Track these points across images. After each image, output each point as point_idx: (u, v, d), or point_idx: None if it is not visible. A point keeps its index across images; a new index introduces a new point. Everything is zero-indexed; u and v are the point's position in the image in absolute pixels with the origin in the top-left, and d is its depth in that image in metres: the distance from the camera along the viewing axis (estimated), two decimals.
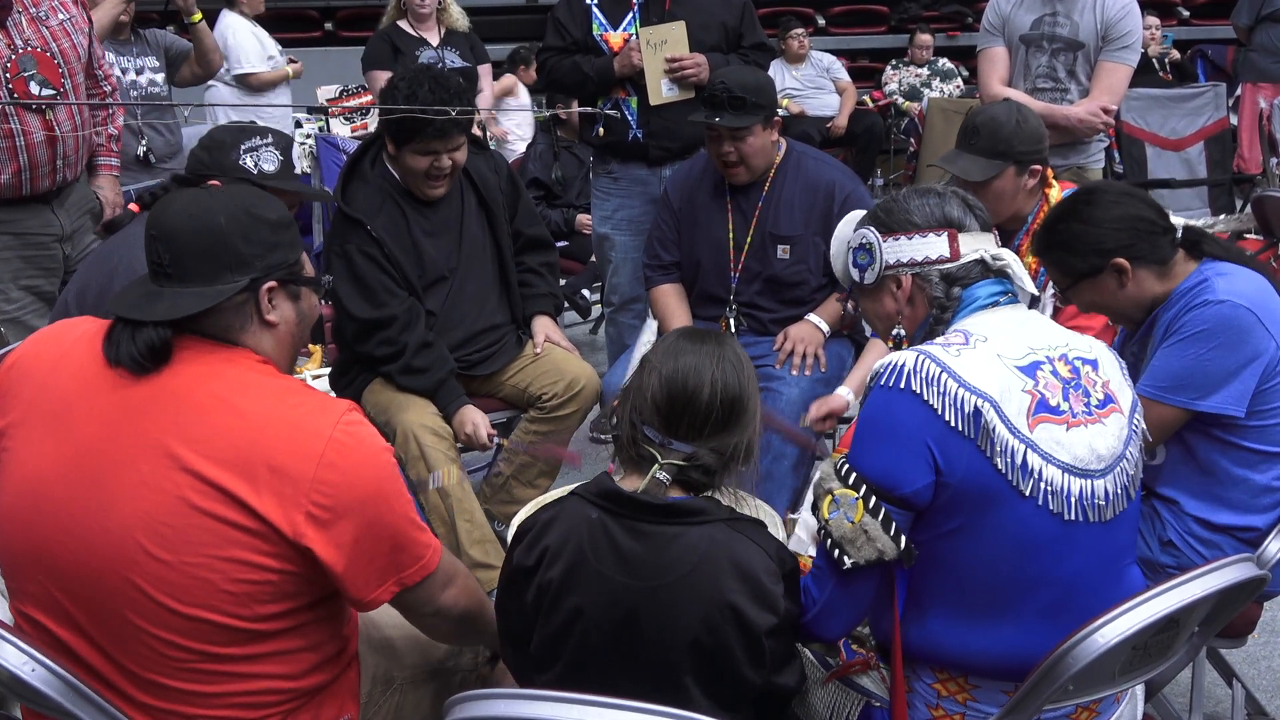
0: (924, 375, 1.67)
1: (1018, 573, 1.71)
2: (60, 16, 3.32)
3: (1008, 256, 1.85)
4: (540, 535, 1.71)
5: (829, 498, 1.70)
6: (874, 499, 1.66)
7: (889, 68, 8.95)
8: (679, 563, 1.63)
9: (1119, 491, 1.74)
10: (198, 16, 4.75)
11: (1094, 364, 1.80)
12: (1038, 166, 2.88)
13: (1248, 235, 4.95)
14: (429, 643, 1.99)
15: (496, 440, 3.19)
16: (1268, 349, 2.15)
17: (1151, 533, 2.27)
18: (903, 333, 1.90)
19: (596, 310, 5.39)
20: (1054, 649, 1.63)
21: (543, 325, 3.39)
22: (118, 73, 4.42)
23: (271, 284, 1.67)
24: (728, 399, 1.69)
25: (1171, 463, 2.27)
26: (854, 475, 1.69)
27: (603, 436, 1.82)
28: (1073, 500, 1.69)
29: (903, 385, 1.68)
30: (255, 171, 2.62)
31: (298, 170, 5.41)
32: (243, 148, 2.63)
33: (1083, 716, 1.81)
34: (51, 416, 1.62)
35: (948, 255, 1.84)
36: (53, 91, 3.26)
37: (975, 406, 1.65)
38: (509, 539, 2.39)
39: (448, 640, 1.90)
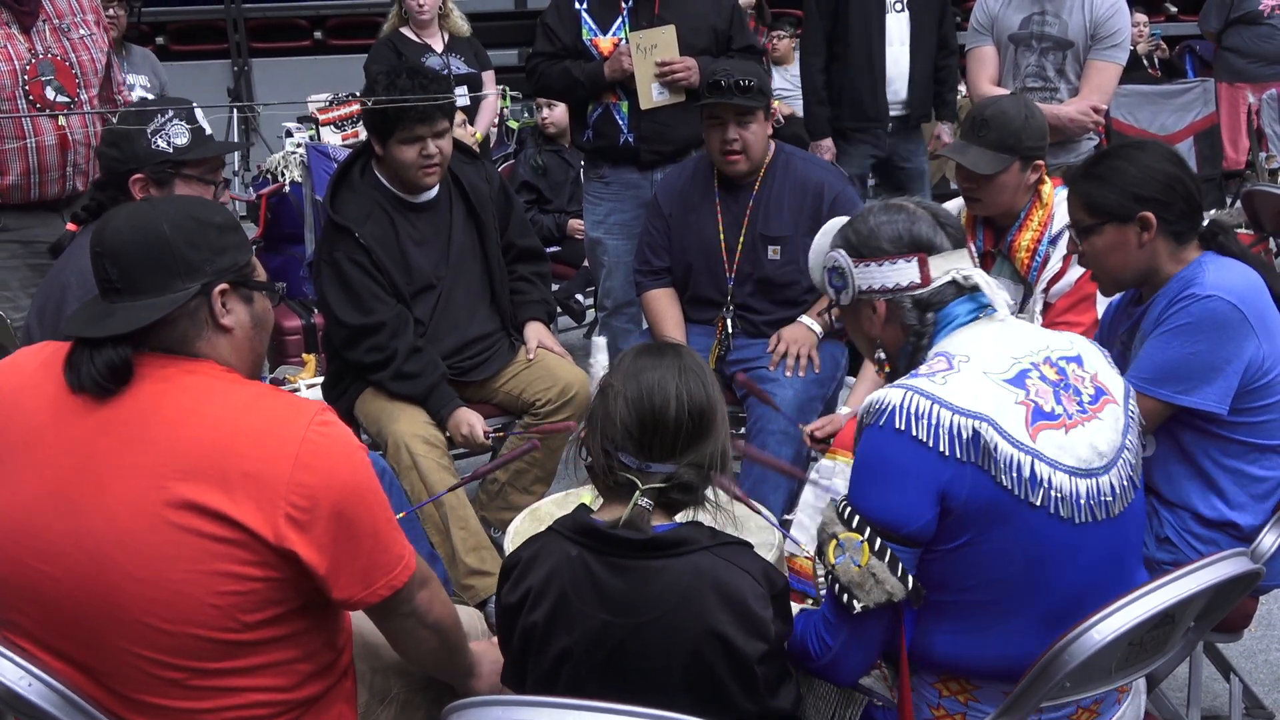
0: (913, 411, 1.64)
1: (1024, 584, 1.69)
2: (82, 31, 3.39)
3: (977, 275, 1.83)
4: (524, 574, 1.68)
5: (834, 542, 1.68)
6: (879, 540, 1.64)
7: None
8: (664, 597, 1.60)
9: (1124, 484, 1.73)
10: None
11: (1078, 360, 1.78)
12: (1040, 162, 2.88)
13: (1237, 230, 4.96)
14: None
15: (492, 437, 3.19)
16: (1251, 348, 2.14)
17: (1149, 530, 2.27)
18: (883, 356, 1.89)
19: (590, 315, 5.39)
20: (1050, 646, 1.63)
21: (535, 331, 3.40)
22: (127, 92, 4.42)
23: (223, 286, 1.66)
24: (695, 410, 1.64)
25: (1165, 459, 2.27)
26: (857, 518, 1.67)
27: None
28: (1081, 503, 1.68)
29: (894, 425, 1.65)
30: (171, 149, 2.50)
31: (287, 179, 5.39)
32: (150, 130, 2.50)
33: (1083, 718, 1.80)
34: (22, 446, 1.61)
35: (918, 281, 1.81)
36: (67, 99, 3.30)
37: (974, 429, 1.63)
38: (505, 545, 2.39)
39: (419, 657, 1.84)
